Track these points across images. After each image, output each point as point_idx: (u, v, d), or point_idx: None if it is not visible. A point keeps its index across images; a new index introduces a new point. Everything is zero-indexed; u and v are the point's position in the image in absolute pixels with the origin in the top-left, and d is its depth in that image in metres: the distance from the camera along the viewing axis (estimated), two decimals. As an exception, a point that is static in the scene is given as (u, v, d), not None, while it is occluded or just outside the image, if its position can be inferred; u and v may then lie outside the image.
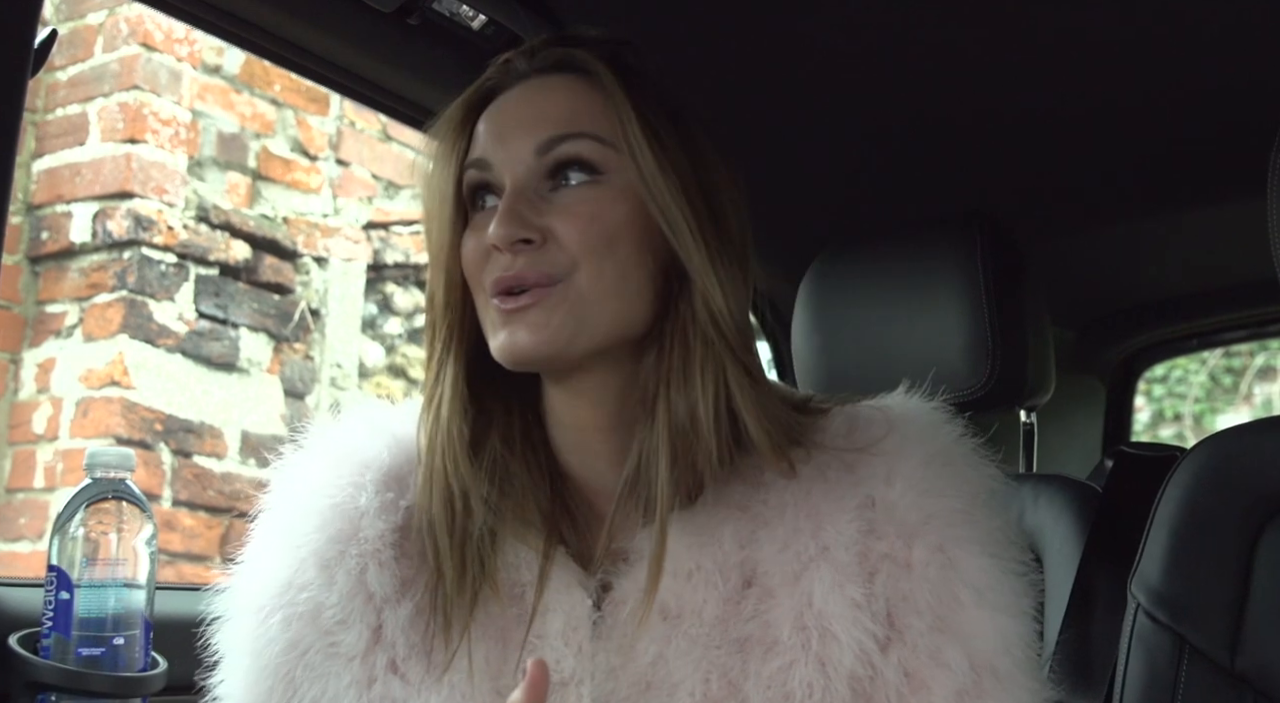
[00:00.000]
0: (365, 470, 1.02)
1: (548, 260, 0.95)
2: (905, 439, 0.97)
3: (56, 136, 3.09)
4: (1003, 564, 0.94)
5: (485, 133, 1.00)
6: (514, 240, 0.94)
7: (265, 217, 3.26)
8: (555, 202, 0.96)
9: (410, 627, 0.96)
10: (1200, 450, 1.23)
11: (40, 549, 2.92)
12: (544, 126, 0.97)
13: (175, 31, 3.09)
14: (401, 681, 0.96)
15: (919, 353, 1.49)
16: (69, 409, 2.98)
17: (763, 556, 0.94)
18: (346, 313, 3.43)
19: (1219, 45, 1.51)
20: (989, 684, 0.90)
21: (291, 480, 1.04)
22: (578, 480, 1.02)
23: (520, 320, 0.94)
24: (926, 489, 0.94)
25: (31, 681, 1.17)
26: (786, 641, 0.90)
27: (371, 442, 1.04)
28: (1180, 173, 1.83)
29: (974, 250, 1.49)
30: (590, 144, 0.97)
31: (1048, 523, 1.59)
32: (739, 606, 0.93)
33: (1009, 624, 0.92)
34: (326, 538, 0.99)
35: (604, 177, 0.97)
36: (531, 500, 0.99)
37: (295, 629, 0.98)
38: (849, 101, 1.67)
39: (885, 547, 0.92)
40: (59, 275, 3.06)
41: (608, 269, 0.95)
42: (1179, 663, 1.15)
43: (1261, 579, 1.16)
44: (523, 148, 0.97)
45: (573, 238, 0.95)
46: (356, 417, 1.07)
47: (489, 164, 0.98)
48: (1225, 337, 2.55)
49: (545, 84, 1.00)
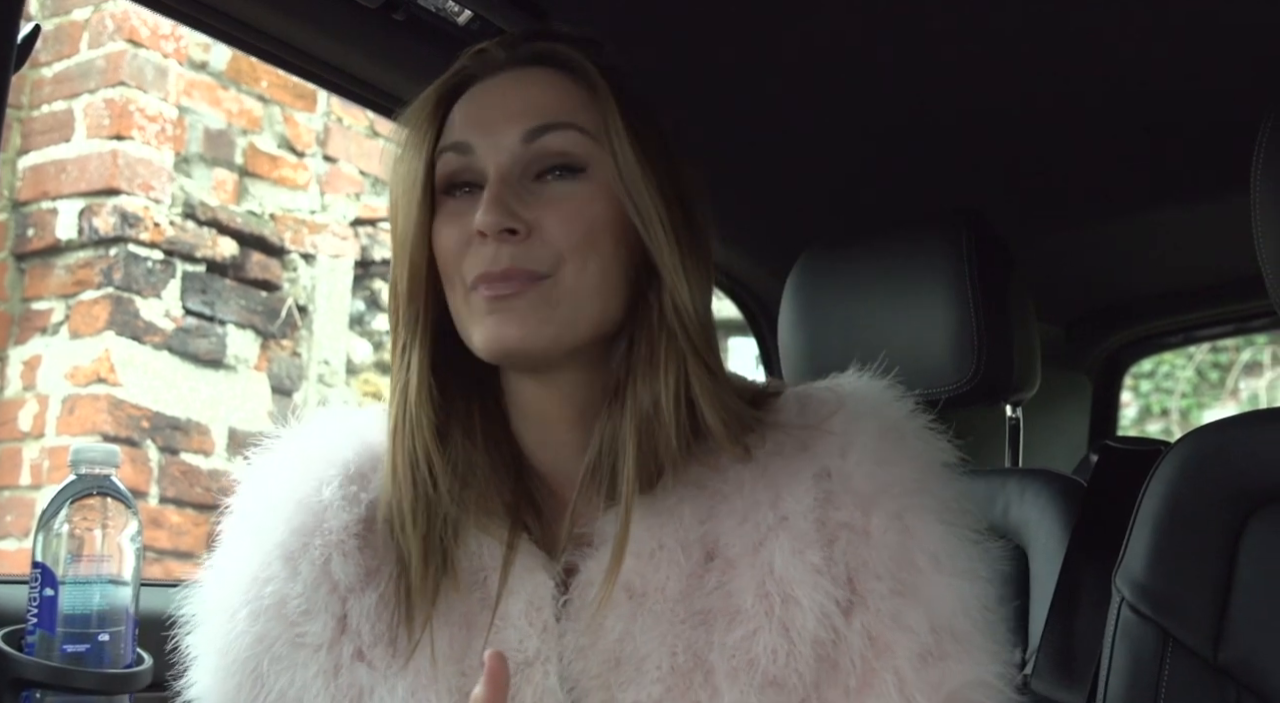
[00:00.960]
0: (329, 467, 1.03)
1: (532, 256, 0.95)
2: (858, 415, 0.99)
3: (42, 133, 3.08)
4: (958, 532, 0.96)
5: (466, 118, 1.00)
6: (501, 229, 0.94)
7: (252, 213, 3.26)
8: (540, 194, 0.97)
9: (375, 615, 0.98)
10: (1184, 445, 1.23)
11: (27, 547, 2.91)
12: (530, 115, 0.97)
13: (161, 28, 3.08)
14: (368, 668, 0.97)
15: (905, 348, 1.49)
16: (55, 406, 2.97)
17: (723, 529, 0.96)
18: (334, 309, 3.42)
19: (1203, 44, 1.51)
20: (949, 646, 0.92)
21: (258, 482, 1.05)
22: (540, 469, 1.03)
23: (508, 311, 0.94)
24: (880, 460, 0.96)
25: (16, 677, 1.17)
26: (749, 609, 0.92)
27: (337, 443, 1.05)
28: (1166, 170, 1.84)
29: (960, 247, 1.50)
30: (576, 136, 0.97)
31: (1033, 517, 1.60)
32: (701, 580, 0.95)
33: (966, 588, 0.94)
34: (290, 531, 1.00)
35: (586, 172, 0.98)
36: (494, 492, 0.99)
37: (262, 624, 0.99)
38: (836, 98, 1.67)
39: (843, 516, 0.94)
40: (45, 272, 3.05)
41: (591, 266, 0.96)
42: (1163, 656, 1.16)
43: (1245, 573, 1.16)
44: (508, 135, 0.97)
45: (558, 234, 0.95)
46: (323, 421, 1.08)
47: (470, 148, 0.98)
48: (1211, 332, 2.56)
49: (529, 75, 1.01)
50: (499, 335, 0.95)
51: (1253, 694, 1.13)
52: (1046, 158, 1.82)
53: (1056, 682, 1.42)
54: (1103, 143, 1.77)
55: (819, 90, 1.66)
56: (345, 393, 3.42)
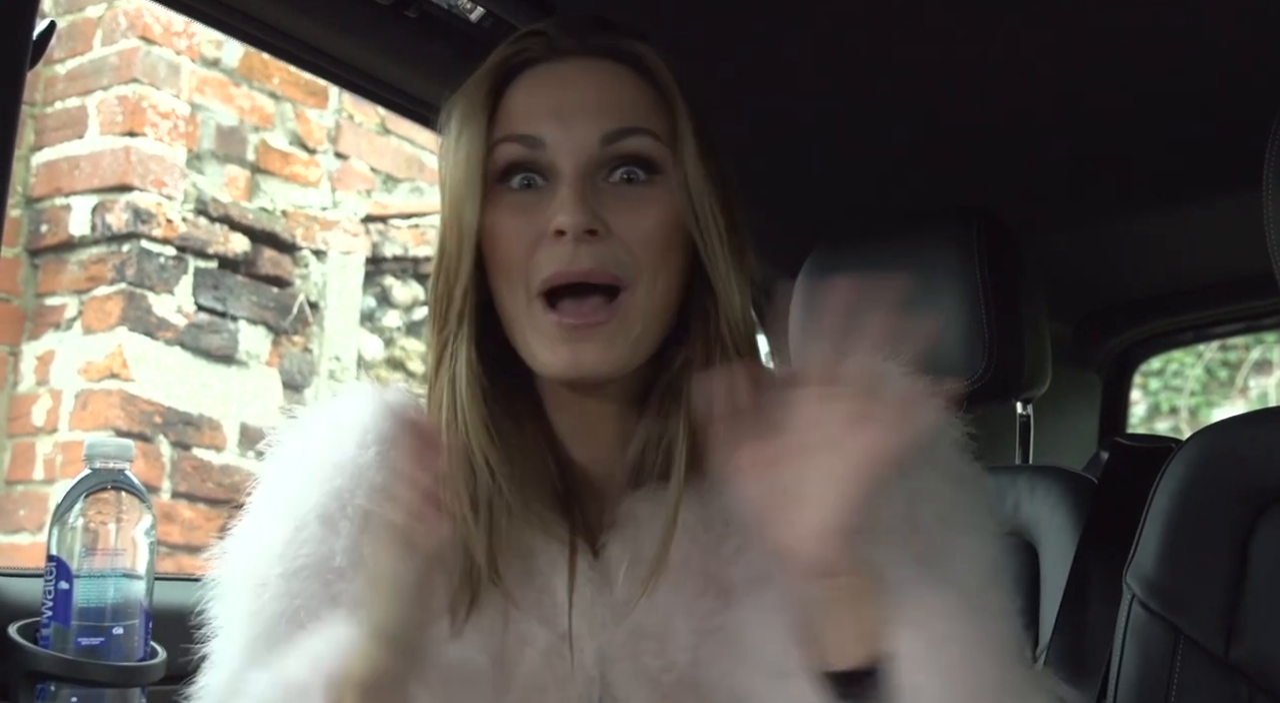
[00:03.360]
0: (365, 434, 1.00)
1: (613, 259, 0.93)
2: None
3: (55, 130, 3.09)
4: (967, 490, 0.97)
5: (534, 107, 0.97)
6: (584, 229, 0.92)
7: (264, 210, 3.26)
8: (616, 195, 0.95)
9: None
10: (1195, 442, 1.23)
11: (40, 541, 2.92)
12: (610, 116, 0.95)
13: (174, 25, 3.09)
14: None
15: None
16: (68, 402, 2.98)
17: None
18: (345, 306, 3.43)
19: (1216, 40, 1.51)
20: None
21: (288, 452, 1.03)
22: (578, 463, 1.02)
23: (589, 339, 0.93)
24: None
25: (31, 670, 1.17)
26: (777, 573, 0.90)
27: (370, 413, 1.02)
28: (1177, 167, 1.84)
29: (971, 244, 1.50)
30: (652, 142, 0.96)
31: (1043, 514, 1.60)
32: (719, 550, 0.95)
33: (973, 545, 0.95)
34: (327, 494, 0.98)
35: (660, 177, 0.96)
36: (544, 478, 0.99)
37: (298, 583, 0.97)
38: (848, 95, 1.67)
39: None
40: (58, 268, 3.06)
41: (660, 281, 0.95)
42: (1174, 653, 1.16)
43: (1256, 570, 1.16)
44: (588, 134, 0.95)
45: (637, 237, 0.94)
46: (352, 394, 1.06)
47: (542, 142, 0.95)
48: (1221, 330, 2.55)
49: (602, 69, 0.98)
50: (576, 361, 0.93)
51: (1264, 692, 1.13)
52: (1057, 155, 1.82)
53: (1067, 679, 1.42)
54: (1114, 140, 1.77)
55: (829, 88, 1.65)
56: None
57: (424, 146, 3.58)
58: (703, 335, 0.98)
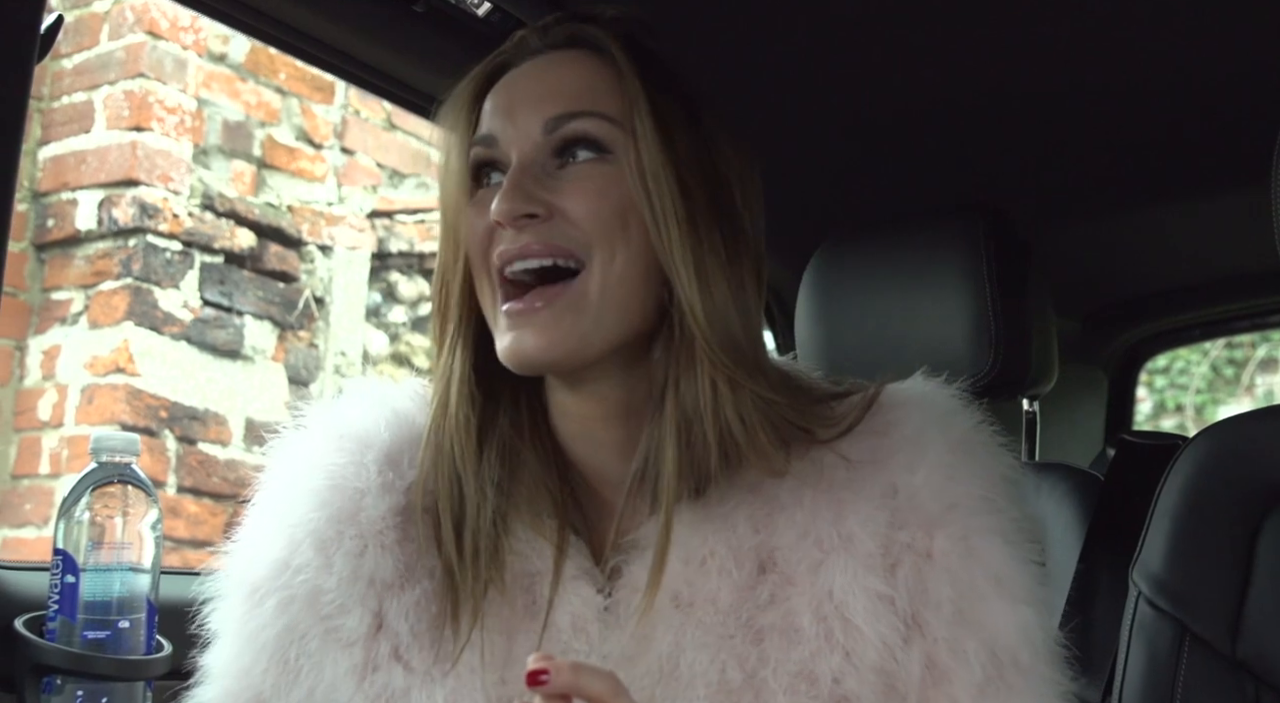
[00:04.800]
0: (366, 449, 1.00)
1: (559, 234, 0.92)
2: (926, 424, 0.95)
3: (62, 124, 3.09)
4: (1022, 552, 0.93)
5: (494, 108, 0.98)
6: (518, 215, 0.92)
7: (270, 205, 3.26)
8: (562, 178, 0.94)
9: (415, 615, 0.94)
10: (1202, 439, 1.23)
11: (46, 536, 2.92)
12: (553, 103, 0.95)
13: (181, 19, 3.09)
14: (405, 669, 0.94)
15: (923, 342, 1.49)
16: (74, 396, 2.98)
17: (780, 542, 0.92)
18: (351, 301, 3.43)
19: (1222, 34, 1.51)
20: (1012, 676, 0.90)
21: (289, 459, 1.03)
22: (583, 469, 1.00)
23: (528, 324, 0.92)
24: (950, 475, 0.93)
25: (37, 663, 1.18)
26: (808, 629, 0.89)
27: (372, 418, 1.02)
28: (1184, 163, 1.83)
29: (978, 240, 1.50)
30: (599, 122, 0.94)
31: (1050, 511, 1.59)
32: (754, 591, 0.91)
33: (1029, 614, 0.91)
34: (325, 518, 0.97)
35: (612, 156, 0.94)
36: (544, 487, 0.97)
37: (292, 613, 0.96)
38: (854, 90, 1.67)
39: (907, 536, 0.91)
40: (64, 262, 3.06)
41: (618, 260, 0.92)
42: (1180, 650, 1.16)
43: (1262, 568, 1.16)
44: (530, 124, 0.95)
45: (582, 213, 0.92)
46: (357, 393, 1.06)
47: (495, 140, 0.96)
48: (1227, 327, 2.55)
49: (556, 60, 0.99)
50: (518, 345, 0.92)
51: (1271, 689, 1.13)
52: (1064, 152, 1.82)
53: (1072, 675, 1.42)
54: (1121, 137, 1.77)
55: (836, 83, 1.65)
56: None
57: (430, 142, 3.56)
58: (668, 333, 0.94)
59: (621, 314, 0.93)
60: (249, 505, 1.03)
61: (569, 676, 0.74)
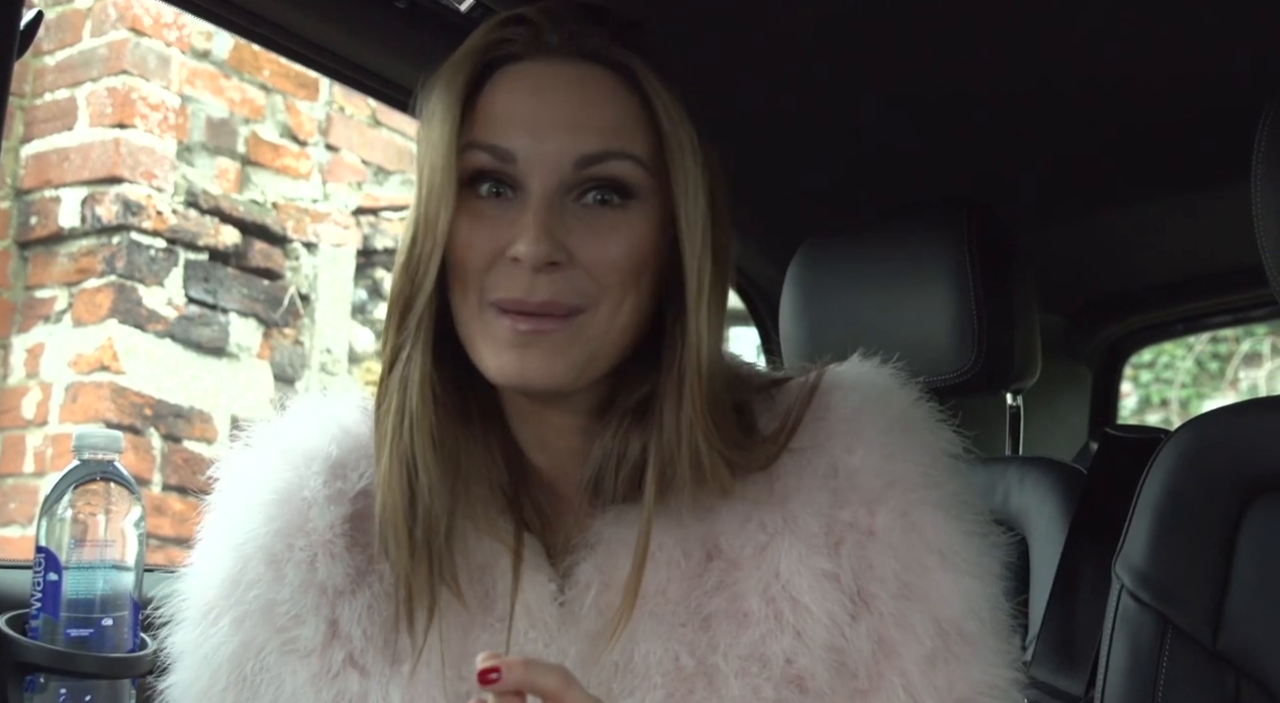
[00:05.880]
0: (311, 462, 0.99)
1: (574, 289, 0.89)
2: (864, 404, 0.96)
3: (45, 121, 3.08)
4: (964, 526, 0.94)
5: (513, 117, 0.91)
6: (547, 261, 0.88)
7: (255, 202, 3.26)
8: (583, 220, 0.90)
9: (368, 619, 0.94)
10: (1184, 432, 1.24)
11: (30, 534, 2.92)
12: (588, 136, 0.90)
13: (164, 16, 3.08)
14: (360, 674, 0.94)
15: (907, 337, 1.49)
16: (58, 394, 2.97)
17: (723, 528, 0.93)
18: (336, 298, 3.43)
19: (1203, 31, 1.51)
20: (958, 647, 0.91)
21: (237, 478, 1.02)
22: (538, 469, 0.99)
23: (535, 345, 0.89)
24: (888, 454, 0.93)
25: (20, 661, 1.17)
26: (757, 612, 0.90)
27: (317, 433, 1.01)
28: (1166, 159, 1.84)
29: (962, 235, 1.50)
30: (631, 166, 0.90)
31: (1033, 504, 1.60)
32: (701, 580, 0.92)
33: (974, 586, 0.92)
34: (273, 532, 0.97)
35: (635, 201, 0.91)
36: (498, 490, 0.96)
37: (247, 629, 0.96)
38: (838, 86, 1.67)
39: (849, 515, 0.92)
40: (48, 260, 3.05)
41: (626, 305, 0.91)
42: (1162, 643, 1.16)
43: (1244, 560, 1.16)
44: (562, 155, 0.89)
45: (602, 264, 0.89)
46: (301, 410, 1.04)
47: (513, 157, 0.90)
48: (1211, 322, 2.56)
49: (586, 78, 0.92)
50: (521, 368, 0.89)
51: (1251, 681, 1.14)
52: (1048, 148, 1.82)
53: (1056, 669, 1.43)
54: (1104, 132, 1.77)
55: (820, 78, 1.65)
56: (347, 381, 3.42)
57: (415, 139, 3.57)
58: (673, 362, 0.92)
59: (617, 349, 0.93)
60: (200, 528, 1.03)
61: (520, 672, 0.75)
